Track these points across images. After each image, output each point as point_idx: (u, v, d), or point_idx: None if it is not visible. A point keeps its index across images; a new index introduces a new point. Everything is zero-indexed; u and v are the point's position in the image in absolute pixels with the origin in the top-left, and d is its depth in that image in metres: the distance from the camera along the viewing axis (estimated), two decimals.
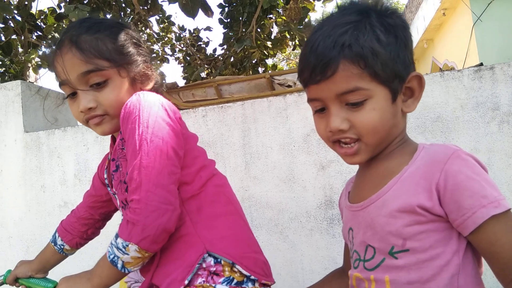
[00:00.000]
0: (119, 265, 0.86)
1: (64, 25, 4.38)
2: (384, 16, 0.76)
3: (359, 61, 0.72)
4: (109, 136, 1.10)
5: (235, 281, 0.89)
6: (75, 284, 0.95)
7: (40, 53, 4.41)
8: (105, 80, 0.97)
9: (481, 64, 1.90)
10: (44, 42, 4.52)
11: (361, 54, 0.72)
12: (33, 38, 4.50)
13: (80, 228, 1.23)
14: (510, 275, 0.68)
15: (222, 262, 0.89)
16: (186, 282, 0.86)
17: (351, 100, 0.74)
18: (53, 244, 1.25)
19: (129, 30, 1.05)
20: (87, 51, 0.95)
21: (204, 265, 0.89)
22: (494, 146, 1.72)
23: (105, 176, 1.11)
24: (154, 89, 1.07)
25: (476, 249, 0.73)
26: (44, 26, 4.39)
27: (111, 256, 0.87)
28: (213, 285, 0.87)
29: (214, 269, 0.88)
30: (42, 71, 5.14)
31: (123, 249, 0.85)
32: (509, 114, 1.72)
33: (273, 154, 1.97)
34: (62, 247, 1.24)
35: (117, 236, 0.86)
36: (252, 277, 0.91)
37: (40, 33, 4.49)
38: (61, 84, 1.01)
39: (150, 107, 0.90)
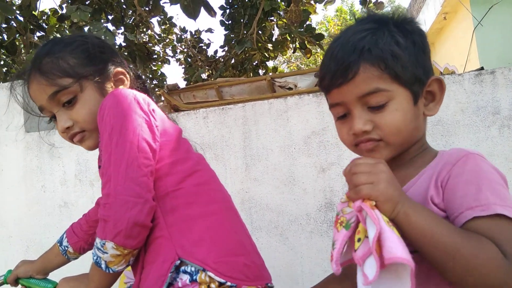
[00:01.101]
0: (103, 266, 0.85)
1: (66, 26, 4.39)
2: (401, 23, 0.79)
3: (379, 63, 0.74)
4: None
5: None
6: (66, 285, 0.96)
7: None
8: (74, 97, 0.98)
9: (482, 68, 1.90)
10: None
11: (380, 56, 0.74)
12: (35, 39, 4.51)
13: (88, 230, 1.21)
14: None
15: (197, 278, 0.84)
16: None
17: (373, 103, 0.75)
18: (58, 244, 1.23)
19: (92, 40, 1.05)
20: (49, 73, 0.97)
21: (180, 283, 0.84)
22: (495, 150, 1.73)
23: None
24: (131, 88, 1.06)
25: None
26: (46, 27, 4.39)
27: (95, 258, 0.86)
28: None
29: (191, 287, 0.84)
30: None
31: (102, 248, 0.83)
32: (510, 118, 1.73)
33: (273, 156, 1.97)
34: (66, 249, 1.22)
35: (96, 236, 0.85)
36: (229, 283, 0.85)
37: (42, 33, 4.50)
38: (40, 110, 1.03)
39: (121, 101, 0.90)
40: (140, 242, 0.85)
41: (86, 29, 4.11)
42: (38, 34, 4.56)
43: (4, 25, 4.08)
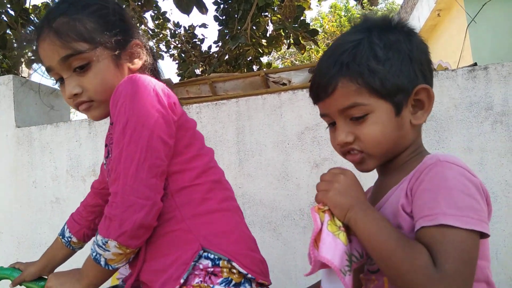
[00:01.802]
0: (102, 263, 0.84)
1: None
2: (387, 31, 0.80)
3: (356, 78, 0.76)
4: (105, 128, 1.08)
5: (233, 282, 0.85)
6: (66, 284, 0.91)
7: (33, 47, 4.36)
8: (87, 63, 0.91)
9: (475, 64, 1.91)
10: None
11: (357, 71, 0.76)
12: (26, 33, 4.46)
13: (87, 216, 1.17)
14: None
15: (220, 263, 0.85)
16: (182, 281, 0.82)
17: (354, 115, 0.78)
18: (61, 237, 1.18)
19: (113, 5, 0.97)
20: (64, 35, 0.89)
21: (201, 266, 0.85)
22: (487, 146, 1.73)
23: (104, 161, 1.06)
24: (144, 67, 1.01)
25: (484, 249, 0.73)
26: (37, 21, 4.34)
27: (94, 254, 0.84)
28: (211, 285, 0.83)
29: (212, 269, 0.84)
30: (35, 66, 5.08)
31: (103, 246, 0.82)
32: (502, 114, 1.73)
33: (267, 152, 1.97)
34: (69, 239, 1.17)
35: (97, 233, 0.83)
36: (250, 275, 0.87)
37: (33, 28, 4.44)
38: (47, 71, 0.96)
39: (140, 92, 0.86)
40: (143, 241, 0.85)
41: None
42: (29, 28, 4.50)
43: None
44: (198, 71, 4.80)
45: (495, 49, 6.17)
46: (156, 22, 5.48)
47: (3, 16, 3.95)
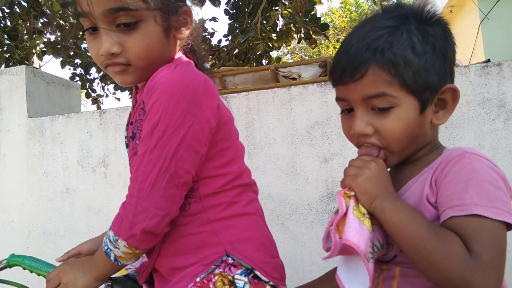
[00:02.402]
0: (112, 258, 0.83)
1: (69, 12, 4.37)
2: (425, 23, 0.75)
3: (389, 68, 0.71)
4: (116, 120, 1.06)
5: (252, 274, 0.84)
6: (78, 272, 0.90)
7: (45, 39, 4.40)
8: (136, 22, 0.82)
9: (489, 61, 1.88)
10: (49, 29, 4.51)
11: (392, 60, 0.71)
12: (38, 25, 4.49)
13: None
14: None
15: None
16: (198, 279, 0.82)
17: (378, 105, 0.74)
18: None
19: None
20: None
21: (224, 265, 0.84)
22: (499, 143, 1.72)
23: (125, 134, 0.99)
24: (188, 39, 0.93)
25: None
26: (49, 13, 4.37)
27: (105, 248, 0.83)
28: (231, 274, 0.83)
29: (232, 262, 0.85)
30: (46, 57, 5.14)
31: (114, 243, 0.81)
32: None
33: (276, 146, 1.97)
34: None
35: (110, 227, 0.82)
36: (271, 283, 0.86)
37: (45, 20, 4.47)
38: (80, 16, 0.85)
39: (179, 90, 0.78)
40: (153, 245, 0.84)
41: None
42: (41, 20, 4.54)
43: (7, 11, 4.06)
44: (207, 65, 4.80)
45: (508, 46, 6.09)
46: None
47: (15, 7, 3.98)
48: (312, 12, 4.05)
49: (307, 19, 3.82)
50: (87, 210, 2.22)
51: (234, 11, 4.45)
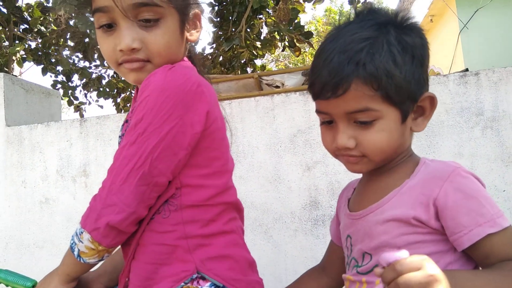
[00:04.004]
0: (75, 253, 0.81)
1: (50, 18, 4.31)
2: (403, 33, 0.75)
3: (372, 82, 0.71)
4: (96, 129, 1.05)
5: (221, 285, 0.84)
6: (48, 275, 0.90)
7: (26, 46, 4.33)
8: (157, 19, 0.82)
9: (467, 70, 1.92)
10: (30, 35, 4.44)
11: (375, 74, 0.71)
12: (19, 32, 4.42)
13: None
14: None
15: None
16: None
17: (360, 119, 0.73)
18: None
19: None
20: None
21: (193, 282, 0.83)
22: (477, 151, 1.75)
23: (119, 134, 0.98)
24: (189, 53, 0.94)
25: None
26: (30, 19, 4.31)
27: (71, 242, 0.82)
28: (199, 287, 0.82)
29: (202, 278, 0.83)
30: (27, 64, 5.06)
31: (79, 236, 0.79)
32: (493, 119, 1.75)
33: (259, 154, 1.96)
34: None
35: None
36: None
37: (26, 26, 4.41)
38: (98, 11, 0.84)
39: (169, 90, 0.78)
40: (116, 243, 0.81)
41: (72, 22, 4.04)
42: (21, 27, 4.47)
43: None
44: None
45: (487, 55, 6.24)
46: None
47: None
48: (296, 21, 4.09)
49: (291, 28, 3.84)
50: (67, 220, 2.17)
51: (218, 19, 4.46)
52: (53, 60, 4.46)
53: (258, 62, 5.33)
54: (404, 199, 0.75)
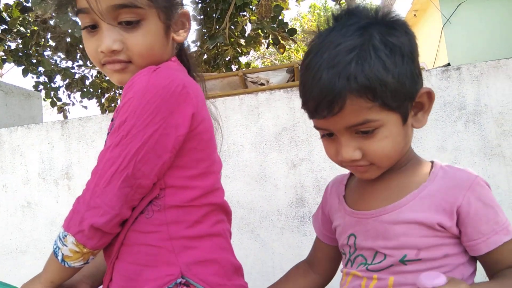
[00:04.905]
0: (59, 257, 0.80)
1: (30, 18, 4.23)
2: (388, 33, 0.73)
3: (367, 94, 0.69)
4: (79, 130, 1.03)
5: None
6: (28, 282, 0.87)
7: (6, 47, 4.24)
8: (138, 21, 0.83)
9: (449, 65, 1.94)
10: (9, 36, 4.34)
11: (368, 86, 0.68)
12: None
13: None
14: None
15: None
16: None
17: (362, 129, 0.72)
18: None
19: None
20: None
21: (178, 286, 0.82)
22: (460, 145, 1.76)
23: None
24: (179, 48, 0.94)
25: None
26: (9, 19, 4.22)
27: (54, 246, 0.80)
28: None
29: (186, 283, 0.81)
30: (7, 65, 4.95)
31: (62, 240, 0.78)
32: (475, 113, 1.76)
33: (244, 153, 1.95)
34: None
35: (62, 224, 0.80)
36: None
37: (5, 27, 4.31)
38: (80, 12, 0.84)
39: (152, 92, 0.77)
40: (101, 245, 0.80)
41: (52, 22, 3.97)
42: (0, 27, 4.37)
43: None
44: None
45: (470, 49, 6.32)
46: None
47: None
48: (280, 18, 4.08)
49: (274, 25, 3.83)
50: (50, 224, 2.13)
51: (201, 16, 4.42)
52: (34, 61, 4.38)
53: (243, 59, 5.30)
54: (426, 204, 0.75)
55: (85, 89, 4.95)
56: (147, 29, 0.84)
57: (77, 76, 4.89)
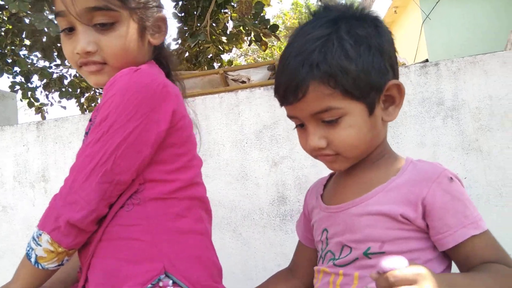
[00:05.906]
0: (33, 259, 0.78)
1: (4, 17, 4.11)
2: (355, 25, 0.75)
3: (328, 81, 0.71)
4: (54, 131, 1.01)
5: None
6: None
7: None
8: (112, 23, 0.85)
9: (427, 61, 1.95)
10: None
11: (329, 73, 0.71)
12: None
13: None
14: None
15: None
16: None
17: (326, 118, 0.74)
18: None
19: None
20: None
21: (160, 284, 0.80)
22: (439, 140, 1.77)
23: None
24: (158, 51, 0.95)
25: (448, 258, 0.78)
26: None
27: (27, 249, 0.79)
28: None
29: (169, 281, 0.80)
30: None
31: (37, 239, 0.77)
32: (453, 109, 1.78)
33: (225, 152, 1.93)
34: None
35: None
36: None
37: None
38: (57, 15, 0.88)
39: (133, 90, 0.79)
40: (77, 243, 0.79)
41: (27, 20, 3.87)
42: None
43: None
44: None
45: (450, 45, 6.42)
46: None
47: None
48: (262, 14, 4.06)
49: (256, 22, 3.81)
50: (27, 228, 2.07)
51: (182, 14, 4.37)
52: (10, 61, 4.27)
53: (226, 57, 5.29)
54: (392, 196, 0.75)
55: (63, 89, 4.85)
56: (121, 31, 0.86)
57: (55, 75, 4.79)
